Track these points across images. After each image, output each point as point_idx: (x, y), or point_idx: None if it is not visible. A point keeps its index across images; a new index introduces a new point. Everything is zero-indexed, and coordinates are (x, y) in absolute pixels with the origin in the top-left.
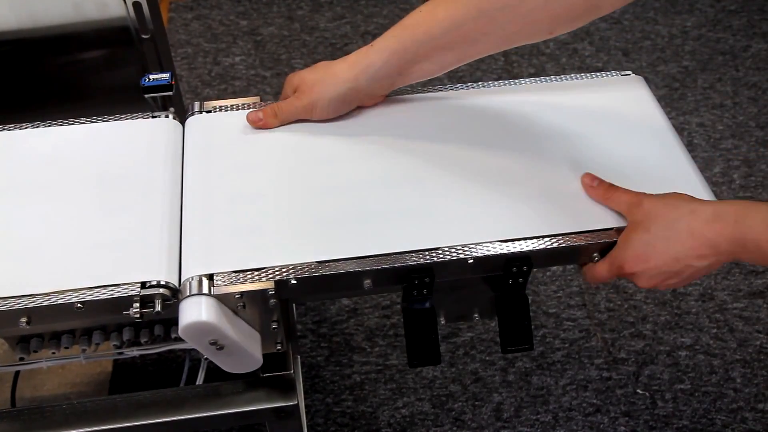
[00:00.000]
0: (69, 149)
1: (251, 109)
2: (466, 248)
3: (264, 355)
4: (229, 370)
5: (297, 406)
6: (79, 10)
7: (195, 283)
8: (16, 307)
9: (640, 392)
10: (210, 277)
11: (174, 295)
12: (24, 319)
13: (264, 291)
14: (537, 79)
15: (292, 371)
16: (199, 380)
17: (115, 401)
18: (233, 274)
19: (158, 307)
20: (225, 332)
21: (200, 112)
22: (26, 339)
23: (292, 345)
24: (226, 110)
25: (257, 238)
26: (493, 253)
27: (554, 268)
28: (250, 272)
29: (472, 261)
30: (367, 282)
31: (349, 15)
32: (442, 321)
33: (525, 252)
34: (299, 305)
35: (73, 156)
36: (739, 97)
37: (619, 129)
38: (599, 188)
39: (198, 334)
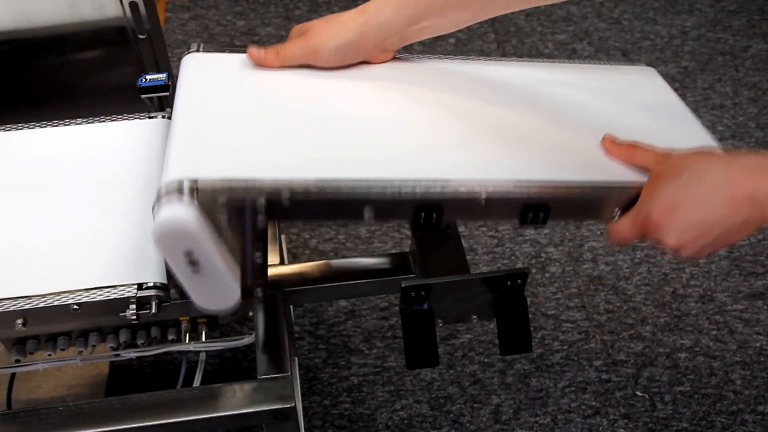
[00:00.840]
0: (65, 149)
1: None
2: (479, 184)
3: (261, 358)
4: (202, 303)
5: (294, 408)
6: (76, 10)
7: (174, 186)
8: (12, 308)
9: (640, 394)
10: (194, 182)
11: (170, 296)
12: (20, 321)
13: (253, 202)
14: (551, 60)
15: (289, 373)
16: (196, 382)
17: (111, 403)
18: (221, 181)
19: (154, 309)
20: (203, 243)
21: (198, 50)
22: (22, 341)
23: (290, 346)
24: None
25: (252, 150)
26: (508, 192)
27: (553, 269)
28: (240, 181)
29: (485, 197)
30: (369, 211)
31: None
32: (440, 323)
33: (543, 195)
34: (297, 307)
35: (69, 156)
36: (738, 97)
37: (638, 107)
38: (621, 146)
39: (173, 239)
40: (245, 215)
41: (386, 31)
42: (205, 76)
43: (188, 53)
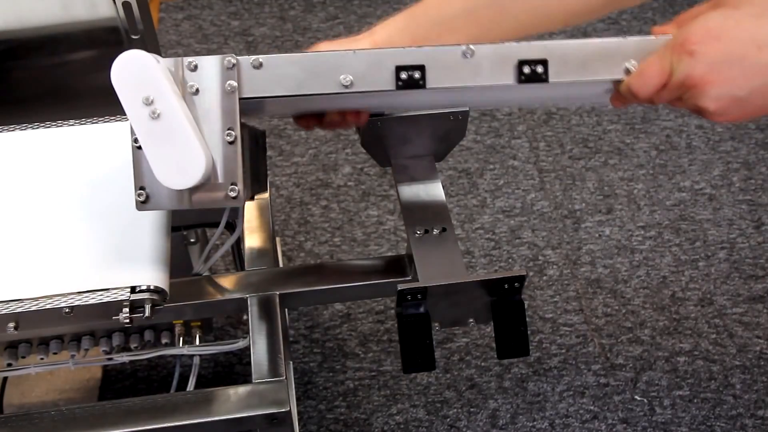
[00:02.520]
0: (57, 151)
1: None
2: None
3: (256, 362)
4: (163, 174)
5: (289, 412)
6: (68, 11)
7: None
8: (4, 312)
9: (638, 399)
10: None
11: (164, 299)
12: (12, 325)
13: None
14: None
15: (284, 377)
16: (190, 386)
17: (104, 408)
18: None
19: (148, 312)
20: (164, 86)
21: None
22: (14, 344)
23: (285, 350)
24: None
25: None
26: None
27: (551, 272)
28: None
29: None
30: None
31: (342, 15)
32: (437, 326)
33: (541, 58)
34: (291, 310)
35: (61, 158)
36: None
37: None
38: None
39: (133, 78)
40: None
41: None
42: None
43: None
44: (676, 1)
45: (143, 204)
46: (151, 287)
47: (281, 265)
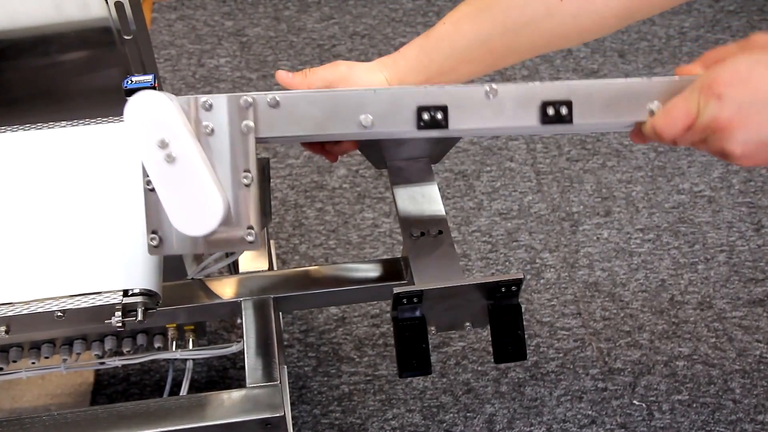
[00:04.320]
0: (49, 152)
1: None
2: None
3: (250, 366)
4: (178, 219)
5: (284, 417)
6: (60, 11)
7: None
8: None
9: (637, 403)
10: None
11: (156, 303)
12: (2, 328)
13: None
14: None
15: (278, 382)
16: (183, 391)
17: (96, 413)
18: None
19: (140, 316)
20: (181, 132)
21: None
22: (5, 348)
23: (279, 354)
24: None
25: None
26: (527, 90)
27: (548, 275)
28: None
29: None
30: None
31: (337, 15)
32: (433, 330)
33: (565, 99)
34: (286, 314)
35: (53, 160)
36: None
37: None
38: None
39: (148, 120)
40: None
41: None
42: None
43: None
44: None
45: (155, 248)
46: (144, 290)
47: (275, 268)
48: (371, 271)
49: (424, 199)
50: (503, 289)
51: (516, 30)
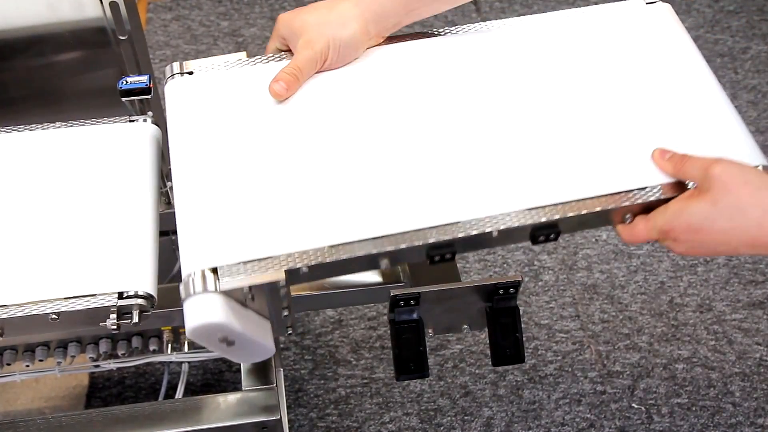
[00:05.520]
0: (43, 154)
1: (236, 67)
2: (488, 221)
3: (245, 369)
4: (241, 361)
5: (280, 421)
6: (54, 11)
7: (198, 279)
8: None
9: (636, 406)
10: (214, 270)
11: (152, 305)
12: None
13: (274, 282)
14: (549, 13)
15: (274, 385)
16: (179, 394)
17: (91, 416)
18: (239, 265)
19: (136, 318)
20: (234, 329)
21: (181, 74)
22: None
23: (275, 357)
24: (210, 70)
25: (261, 222)
26: (518, 225)
27: (546, 277)
28: (257, 262)
29: (496, 234)
30: (384, 262)
31: None
32: (430, 332)
33: (552, 220)
34: None
35: (47, 161)
36: (738, 100)
37: (646, 71)
38: (672, 160)
39: (207, 335)
40: (267, 292)
41: (383, 21)
42: (196, 115)
43: (171, 78)
44: (674, 1)
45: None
46: (139, 293)
47: None
48: (368, 273)
49: None
50: (501, 292)
51: None
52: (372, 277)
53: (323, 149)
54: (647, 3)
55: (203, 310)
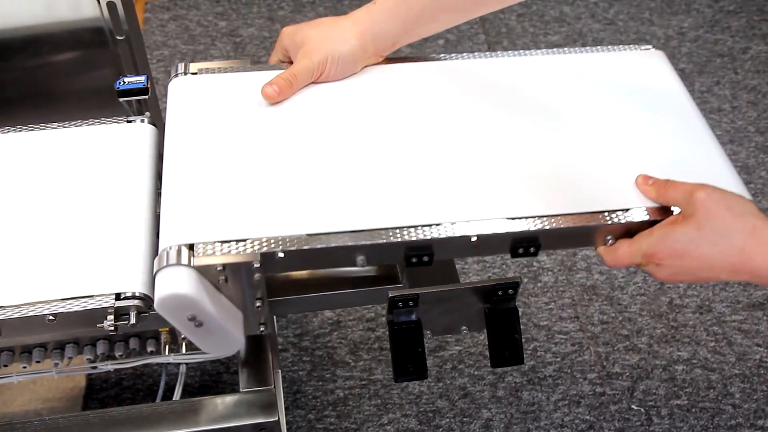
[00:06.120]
0: (41, 155)
1: (238, 72)
2: (469, 224)
3: (243, 370)
4: (208, 351)
5: (278, 422)
6: (51, 11)
7: (173, 253)
8: None
9: (635, 408)
10: (190, 247)
11: (149, 306)
12: None
13: (249, 264)
14: (550, 50)
15: (272, 386)
16: (177, 396)
17: (88, 417)
18: (215, 245)
19: (133, 320)
20: (204, 307)
21: (184, 73)
22: None
23: (273, 359)
24: (213, 73)
25: (243, 207)
26: (499, 232)
27: (545, 278)
28: (234, 243)
29: (475, 239)
30: (361, 258)
31: (332, 15)
32: (429, 334)
33: (533, 231)
34: (280, 318)
35: (45, 162)
36: (737, 101)
37: (638, 105)
38: (655, 185)
39: (175, 308)
40: (241, 275)
41: (382, 40)
42: (193, 110)
43: (175, 77)
44: (673, 2)
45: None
46: (137, 294)
47: None
48: (367, 274)
49: None
50: (500, 293)
51: None
52: (370, 277)
53: (312, 149)
54: (642, 49)
55: (174, 282)
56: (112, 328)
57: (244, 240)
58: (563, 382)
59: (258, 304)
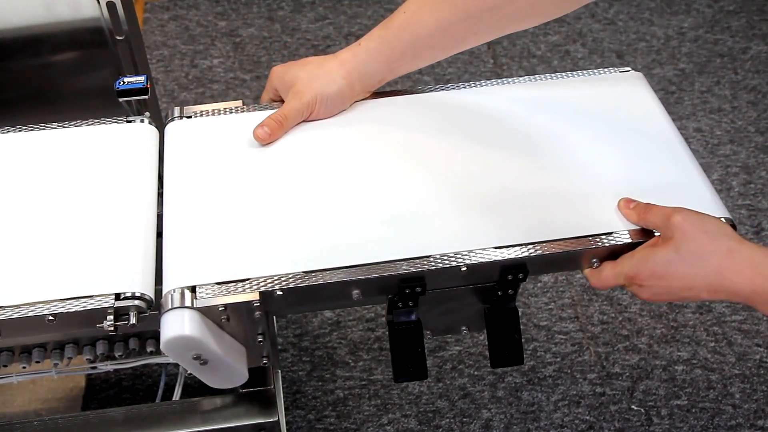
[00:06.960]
0: (40, 155)
1: (232, 114)
2: (458, 256)
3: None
4: (214, 385)
5: (278, 422)
6: (51, 11)
7: (177, 296)
8: None
9: (635, 408)
10: (192, 289)
11: (149, 306)
12: None
13: (249, 303)
14: (531, 77)
15: (272, 386)
16: (176, 396)
17: (88, 418)
18: (216, 286)
19: (133, 320)
20: (208, 346)
21: (180, 117)
22: None
23: (273, 359)
24: (207, 115)
25: (241, 248)
26: (487, 261)
27: (545, 278)
28: (233, 283)
29: (465, 269)
30: (356, 292)
31: (332, 15)
32: (429, 334)
33: (520, 259)
34: (280, 318)
35: (44, 162)
36: (738, 101)
37: (618, 130)
38: (636, 208)
39: (181, 349)
40: (242, 314)
41: (368, 78)
42: (190, 152)
43: (170, 122)
44: (673, 1)
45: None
46: (137, 294)
47: None
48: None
49: None
50: (500, 293)
51: (478, 16)
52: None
53: (305, 188)
54: (621, 71)
55: (179, 324)
56: (112, 329)
57: (243, 280)
58: (563, 382)
59: (260, 339)
